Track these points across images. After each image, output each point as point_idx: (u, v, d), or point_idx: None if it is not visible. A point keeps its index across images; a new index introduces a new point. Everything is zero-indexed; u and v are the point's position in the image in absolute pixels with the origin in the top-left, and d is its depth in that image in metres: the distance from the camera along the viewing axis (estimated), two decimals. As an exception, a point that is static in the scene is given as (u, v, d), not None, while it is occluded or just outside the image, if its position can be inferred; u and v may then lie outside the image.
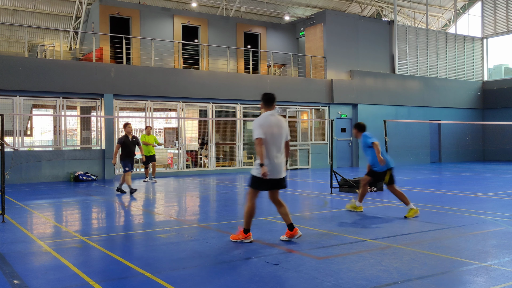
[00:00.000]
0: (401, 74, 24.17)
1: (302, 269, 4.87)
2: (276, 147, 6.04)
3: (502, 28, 27.03)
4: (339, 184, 11.84)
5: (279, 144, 6.06)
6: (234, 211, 9.28)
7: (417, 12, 29.84)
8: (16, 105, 15.47)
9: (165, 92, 17.83)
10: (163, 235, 6.76)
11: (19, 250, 5.98)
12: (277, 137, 6.04)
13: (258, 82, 19.92)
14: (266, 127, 6.01)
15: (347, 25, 22.78)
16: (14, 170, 14.71)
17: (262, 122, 6.04)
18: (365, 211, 8.68)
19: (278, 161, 6.05)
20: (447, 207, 8.90)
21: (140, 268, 4.96)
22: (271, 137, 6.01)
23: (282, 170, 6.10)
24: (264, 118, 6.11)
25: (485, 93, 26.75)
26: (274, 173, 6.02)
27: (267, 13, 26.98)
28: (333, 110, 21.88)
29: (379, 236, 6.44)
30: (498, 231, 6.71)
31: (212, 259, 5.36)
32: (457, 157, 25.58)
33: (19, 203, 10.25)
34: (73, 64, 16.79)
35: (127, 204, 10.43)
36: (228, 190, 12.84)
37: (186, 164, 18.72)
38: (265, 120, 6.06)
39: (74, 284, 4.50)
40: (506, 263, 5.00)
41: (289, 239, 6.16)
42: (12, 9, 23.23)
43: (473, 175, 16.67)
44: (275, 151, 6.03)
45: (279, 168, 6.06)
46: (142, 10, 20.95)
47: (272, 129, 6.02)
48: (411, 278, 4.56)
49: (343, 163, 22.11)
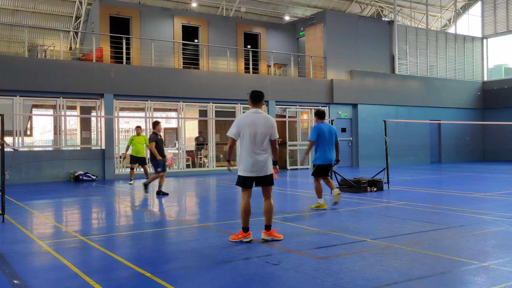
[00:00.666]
0: (401, 74, 24.18)
1: (302, 269, 4.87)
2: (256, 145, 6.05)
3: (502, 28, 27.03)
4: (339, 184, 11.84)
5: (260, 142, 6.05)
6: (234, 211, 9.28)
7: (417, 12, 29.84)
8: (16, 105, 15.47)
9: (165, 92, 17.83)
10: (163, 235, 6.76)
11: (19, 250, 5.98)
12: (258, 136, 6.04)
13: (258, 82, 19.92)
14: (243, 126, 6.07)
15: (347, 25, 22.78)
16: (14, 170, 14.71)
17: (239, 121, 6.13)
18: (366, 211, 8.68)
19: (260, 159, 6.06)
20: (447, 207, 8.90)
21: (140, 268, 4.96)
22: (250, 135, 6.04)
23: (264, 168, 6.10)
24: (244, 117, 6.16)
25: (485, 93, 26.75)
26: (255, 170, 6.06)
27: (267, 13, 26.99)
28: (333, 110, 21.88)
29: (379, 236, 6.44)
30: (498, 231, 6.71)
31: (212, 259, 5.36)
32: (457, 157, 25.58)
33: (19, 203, 10.25)
34: (73, 64, 16.79)
35: (127, 204, 10.43)
36: (228, 190, 12.84)
37: (186, 164, 18.72)
38: (245, 119, 6.11)
39: (74, 284, 4.49)
40: (506, 263, 5.00)
41: (264, 239, 6.16)
42: (12, 9, 23.23)
43: (473, 175, 16.67)
44: (256, 149, 6.05)
45: (260, 166, 6.07)
46: (142, 10, 20.96)
47: (251, 127, 6.05)
48: (411, 278, 4.56)
49: (343, 163, 22.10)
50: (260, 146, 6.07)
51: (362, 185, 11.44)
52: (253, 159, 6.05)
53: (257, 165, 6.05)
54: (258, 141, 6.05)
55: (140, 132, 14.69)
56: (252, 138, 6.04)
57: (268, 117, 6.19)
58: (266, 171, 6.13)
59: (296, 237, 6.40)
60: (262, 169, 6.09)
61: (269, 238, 6.14)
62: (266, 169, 6.12)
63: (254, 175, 6.09)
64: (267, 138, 6.11)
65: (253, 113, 6.16)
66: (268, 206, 6.19)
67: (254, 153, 6.05)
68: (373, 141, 21.84)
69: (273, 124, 6.17)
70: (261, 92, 6.31)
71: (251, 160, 6.05)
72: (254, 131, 6.04)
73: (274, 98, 20.06)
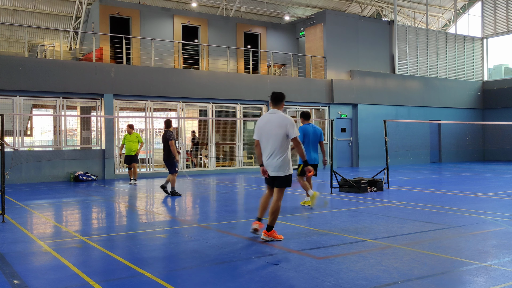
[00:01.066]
0: (401, 74, 24.17)
1: (302, 269, 4.87)
2: (269, 145, 6.09)
3: (502, 28, 27.03)
4: (339, 184, 11.84)
5: (272, 141, 6.06)
6: (234, 211, 9.29)
7: (417, 12, 29.84)
8: (16, 105, 15.47)
9: (165, 92, 17.83)
10: (163, 235, 6.76)
11: (19, 250, 5.98)
12: (270, 135, 6.08)
13: (258, 82, 19.92)
14: (259, 126, 6.22)
15: (347, 25, 22.78)
16: (14, 170, 14.71)
17: (257, 122, 6.31)
18: (366, 211, 8.68)
19: (272, 159, 6.11)
20: (447, 207, 8.90)
21: (140, 268, 4.96)
22: (264, 135, 6.15)
23: (277, 168, 6.11)
24: (261, 118, 6.35)
25: (485, 93, 26.75)
26: (270, 170, 6.17)
27: (267, 13, 26.99)
28: (333, 110, 21.88)
29: (379, 236, 6.44)
30: (498, 231, 6.71)
31: (212, 259, 5.36)
32: (457, 157, 25.58)
33: (19, 203, 10.25)
34: (73, 64, 16.79)
35: (127, 204, 10.43)
36: (228, 190, 12.84)
37: (186, 164, 18.72)
38: (261, 119, 6.30)
39: (74, 284, 4.49)
40: (506, 263, 5.00)
41: (263, 239, 6.17)
42: (12, 9, 23.23)
43: (473, 175, 16.66)
44: (268, 149, 6.11)
45: (273, 166, 6.12)
46: (142, 10, 20.96)
47: (265, 127, 6.13)
48: (411, 278, 4.56)
49: (343, 163, 22.11)
50: (274, 146, 6.06)
51: (362, 185, 11.44)
52: (266, 159, 6.16)
53: (270, 166, 6.13)
54: (271, 141, 6.09)
55: (132, 131, 14.57)
56: (266, 138, 6.12)
57: (283, 116, 6.16)
58: (278, 171, 6.09)
59: (296, 237, 6.40)
60: (275, 169, 6.11)
61: (269, 239, 6.15)
62: (278, 170, 6.09)
63: (269, 174, 6.18)
64: (281, 137, 6.04)
65: (270, 113, 6.25)
66: (273, 207, 6.18)
67: (265, 153, 6.16)
68: (373, 141, 21.84)
69: (288, 123, 6.05)
70: (281, 93, 6.41)
71: (265, 159, 6.17)
72: (267, 131, 6.11)
73: (274, 98, 20.02)
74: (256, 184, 14.49)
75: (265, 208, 6.35)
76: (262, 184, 12.65)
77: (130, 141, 14.43)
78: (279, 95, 6.36)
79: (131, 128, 14.61)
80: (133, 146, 14.44)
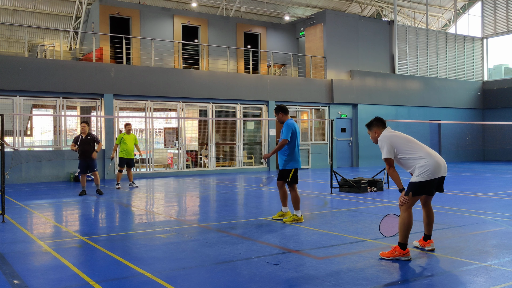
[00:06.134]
0: (401, 74, 24.17)
1: (302, 269, 4.87)
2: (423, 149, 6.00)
3: (502, 28, 27.03)
4: (339, 184, 11.84)
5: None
6: (234, 211, 9.29)
7: (417, 12, 29.84)
8: (16, 105, 15.47)
9: (165, 92, 17.83)
10: (163, 235, 6.76)
11: (19, 250, 5.98)
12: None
13: (258, 82, 19.92)
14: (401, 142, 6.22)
15: (347, 25, 22.78)
16: (14, 170, 14.71)
17: (393, 139, 6.17)
18: (366, 211, 8.68)
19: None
20: (447, 207, 8.90)
21: (140, 268, 4.96)
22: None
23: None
24: (395, 134, 6.31)
25: (485, 93, 26.75)
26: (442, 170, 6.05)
27: (267, 13, 26.98)
28: (333, 110, 21.88)
29: (379, 236, 6.43)
30: (498, 231, 6.71)
31: (212, 259, 5.36)
32: (457, 157, 25.58)
33: (19, 203, 10.25)
34: (73, 64, 16.79)
35: (127, 204, 10.43)
36: (228, 190, 12.84)
37: (186, 164, 18.72)
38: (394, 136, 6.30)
39: (74, 284, 4.50)
40: (506, 263, 5.00)
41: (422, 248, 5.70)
42: (12, 9, 23.23)
43: (473, 175, 16.66)
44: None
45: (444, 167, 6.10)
46: (142, 10, 20.95)
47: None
48: (411, 278, 4.56)
49: (343, 163, 22.11)
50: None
51: (362, 185, 11.45)
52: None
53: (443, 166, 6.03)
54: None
55: (131, 130, 13.55)
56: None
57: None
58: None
59: (296, 237, 6.41)
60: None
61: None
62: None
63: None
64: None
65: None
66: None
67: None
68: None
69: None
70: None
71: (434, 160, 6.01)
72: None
73: (274, 98, 20.05)
74: (256, 184, 14.48)
75: (427, 224, 5.72)
76: (262, 184, 12.29)
77: (129, 142, 13.28)
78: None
79: (130, 126, 13.54)
80: (132, 148, 13.37)
